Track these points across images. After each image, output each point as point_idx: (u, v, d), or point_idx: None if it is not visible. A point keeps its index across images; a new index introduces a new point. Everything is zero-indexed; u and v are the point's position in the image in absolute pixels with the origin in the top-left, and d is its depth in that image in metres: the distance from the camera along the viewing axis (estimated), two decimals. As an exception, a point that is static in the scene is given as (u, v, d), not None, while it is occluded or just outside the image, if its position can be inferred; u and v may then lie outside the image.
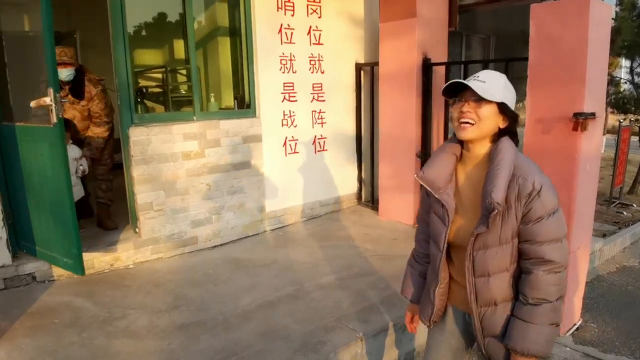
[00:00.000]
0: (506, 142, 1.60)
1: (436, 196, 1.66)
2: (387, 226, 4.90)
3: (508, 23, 5.69)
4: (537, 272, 1.55)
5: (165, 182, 4.10)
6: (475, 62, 5.54)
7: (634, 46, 8.53)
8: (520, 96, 6.34)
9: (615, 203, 7.53)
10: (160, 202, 4.10)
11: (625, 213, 7.06)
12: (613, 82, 10.90)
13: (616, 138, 7.88)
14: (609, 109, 11.11)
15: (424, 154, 4.79)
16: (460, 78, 5.10)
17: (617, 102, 10.61)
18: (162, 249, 4.15)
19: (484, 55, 5.87)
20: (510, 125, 1.63)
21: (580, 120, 3.66)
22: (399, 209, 4.98)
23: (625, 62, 10.74)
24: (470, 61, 5.35)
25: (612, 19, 8.18)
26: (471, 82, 1.55)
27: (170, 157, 4.11)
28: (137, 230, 4.11)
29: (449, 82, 1.59)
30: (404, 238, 4.52)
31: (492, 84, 1.56)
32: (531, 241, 1.55)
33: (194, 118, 4.31)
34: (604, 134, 12.61)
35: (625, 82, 11.22)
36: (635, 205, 7.58)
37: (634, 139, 9.54)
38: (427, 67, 4.63)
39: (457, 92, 1.62)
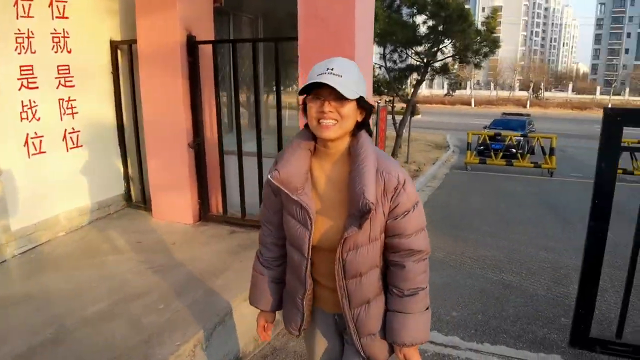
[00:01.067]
0: (366, 137, 1.52)
1: (294, 198, 1.50)
2: (164, 229, 4.30)
3: (275, 4, 5.56)
4: (408, 263, 1.54)
5: None
6: (244, 40, 5.25)
7: (385, 34, 9.47)
8: (290, 80, 6.32)
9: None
10: None
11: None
12: (369, 67, 12.10)
13: (375, 117, 8.66)
14: (367, 92, 12.38)
15: (197, 144, 4.31)
16: (230, 58, 4.68)
17: (374, 86, 11.82)
18: None
19: (252, 36, 5.65)
20: (365, 118, 1.53)
21: (352, 101, 3.64)
22: (175, 207, 4.42)
23: (378, 49, 12.00)
24: (239, 40, 5.04)
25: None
26: (329, 79, 1.38)
27: None
28: None
29: (307, 83, 1.42)
30: (184, 241, 4.00)
31: (349, 77, 1.41)
32: (401, 235, 1.52)
33: None
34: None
35: (380, 67, 12.58)
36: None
37: (389, 117, 10.74)
38: (192, 45, 4.13)
39: (311, 88, 1.44)
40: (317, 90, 1.43)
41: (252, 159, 4.24)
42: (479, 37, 10.89)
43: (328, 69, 1.40)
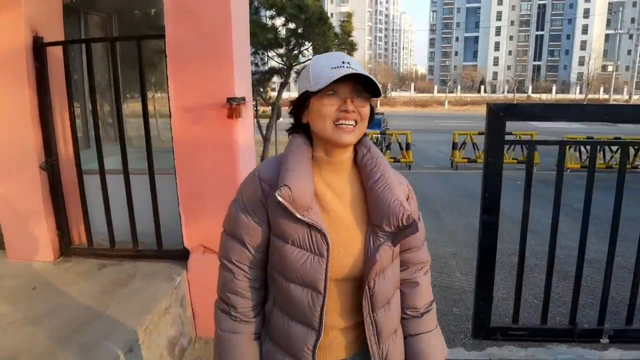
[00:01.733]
0: (372, 144, 1.34)
1: (304, 220, 1.19)
2: (21, 271, 3.52)
3: (131, 1, 5.02)
4: (419, 278, 1.41)
5: None
6: (101, 40, 4.62)
7: (251, 35, 9.25)
8: (151, 86, 5.78)
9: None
10: None
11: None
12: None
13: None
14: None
15: (51, 165, 3.64)
16: (82, 61, 4.06)
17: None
18: None
19: (107, 36, 5.01)
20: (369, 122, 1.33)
21: (234, 106, 3.39)
22: (31, 243, 3.66)
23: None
24: (94, 39, 4.39)
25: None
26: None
27: None
28: None
29: (340, 76, 1.15)
30: (46, 283, 3.31)
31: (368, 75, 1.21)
32: (412, 248, 1.39)
33: None
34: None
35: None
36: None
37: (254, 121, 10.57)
38: (39, 48, 3.46)
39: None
40: (334, 86, 1.18)
41: (117, 177, 3.69)
42: (337, 40, 11.22)
43: (344, 62, 1.19)
